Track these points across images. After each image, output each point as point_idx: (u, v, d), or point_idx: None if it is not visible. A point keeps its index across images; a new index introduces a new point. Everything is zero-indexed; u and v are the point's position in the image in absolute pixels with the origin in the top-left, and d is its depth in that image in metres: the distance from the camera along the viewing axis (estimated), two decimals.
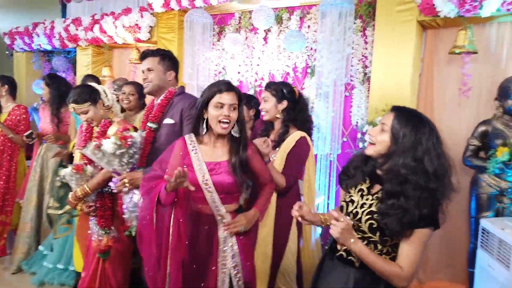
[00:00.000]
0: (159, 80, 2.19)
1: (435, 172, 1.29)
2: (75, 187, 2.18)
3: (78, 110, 2.20)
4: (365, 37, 3.10)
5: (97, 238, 2.18)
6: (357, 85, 3.14)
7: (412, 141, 1.30)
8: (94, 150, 1.94)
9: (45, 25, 4.82)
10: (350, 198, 1.50)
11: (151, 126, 2.16)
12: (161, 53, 2.22)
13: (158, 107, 2.19)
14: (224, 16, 3.82)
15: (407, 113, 1.37)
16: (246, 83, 3.76)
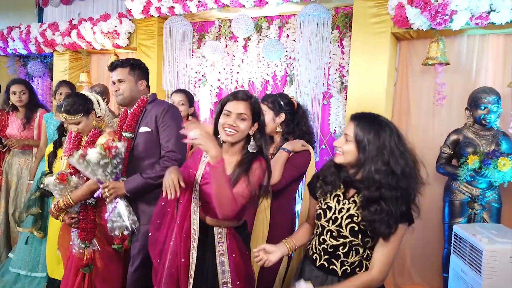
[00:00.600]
0: (131, 91, 2.16)
1: (402, 171, 1.34)
2: (58, 197, 2.12)
3: (70, 121, 2.15)
4: (342, 47, 3.17)
5: (78, 250, 2.13)
6: (334, 93, 3.20)
7: (377, 146, 1.34)
8: (79, 159, 1.91)
9: (21, 29, 4.72)
10: (326, 205, 1.51)
11: (126, 135, 2.13)
12: (131, 63, 2.18)
13: (131, 116, 2.16)
14: (204, 23, 3.84)
15: (366, 119, 1.41)
16: (226, 90, 3.77)
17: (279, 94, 2.32)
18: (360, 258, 1.43)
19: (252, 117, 1.61)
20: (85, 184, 2.12)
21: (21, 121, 3.26)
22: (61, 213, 2.15)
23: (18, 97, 3.20)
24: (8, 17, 5.93)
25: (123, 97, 2.15)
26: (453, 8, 2.46)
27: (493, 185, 2.52)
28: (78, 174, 2.15)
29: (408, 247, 3.05)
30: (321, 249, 1.50)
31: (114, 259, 2.22)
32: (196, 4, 3.42)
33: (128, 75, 2.15)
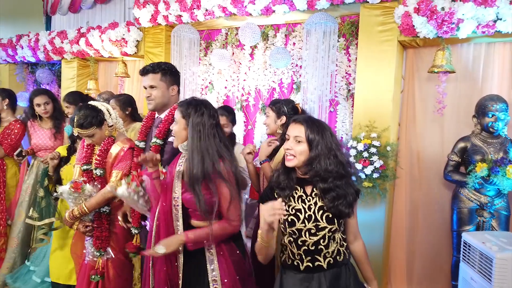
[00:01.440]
0: (163, 96, 2.13)
1: (347, 160, 1.61)
2: (72, 206, 2.11)
3: (83, 135, 2.15)
4: (349, 55, 3.19)
5: (92, 258, 2.13)
6: (341, 101, 3.22)
7: (325, 144, 1.52)
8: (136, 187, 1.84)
9: (30, 37, 4.79)
10: (294, 209, 1.56)
11: (156, 142, 2.10)
12: (162, 68, 2.14)
13: (163, 123, 2.12)
14: (211, 32, 3.88)
15: (312, 122, 1.57)
16: (233, 97, 3.80)
17: (285, 100, 2.50)
18: (336, 246, 1.57)
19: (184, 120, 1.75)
20: (100, 193, 2.12)
21: (50, 131, 3.23)
22: (76, 221, 2.15)
23: (44, 109, 3.16)
24: (16, 25, 6.02)
25: (155, 103, 2.13)
26: (459, 17, 2.47)
27: (502, 192, 2.52)
28: (92, 182, 2.16)
29: (416, 255, 3.04)
30: (302, 252, 1.55)
31: (126, 268, 2.23)
32: (203, 13, 3.46)
33: (159, 81, 2.12)
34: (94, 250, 2.13)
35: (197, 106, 1.73)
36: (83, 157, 2.24)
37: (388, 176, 2.74)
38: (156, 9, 3.70)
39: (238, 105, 3.75)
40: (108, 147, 2.19)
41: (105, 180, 2.19)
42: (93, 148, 2.26)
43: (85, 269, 2.22)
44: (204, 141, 1.68)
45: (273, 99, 2.53)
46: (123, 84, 4.49)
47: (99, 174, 2.17)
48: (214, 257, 1.72)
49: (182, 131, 1.75)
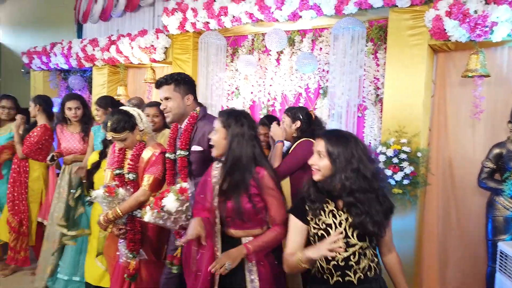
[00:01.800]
0: (178, 107, 2.16)
1: (372, 174, 1.49)
2: (106, 209, 2.17)
3: (116, 138, 2.21)
4: (377, 59, 3.16)
5: (125, 260, 2.19)
6: (369, 106, 3.18)
7: (346, 157, 1.47)
8: (158, 214, 1.83)
9: (63, 45, 4.97)
10: (324, 224, 1.53)
11: (181, 154, 2.14)
12: (175, 78, 2.16)
13: (184, 133, 2.16)
14: (238, 38, 3.92)
15: (333, 136, 1.54)
16: (259, 103, 3.82)
17: (299, 107, 2.72)
18: (367, 262, 1.52)
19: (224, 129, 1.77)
20: (132, 197, 2.18)
21: (79, 135, 3.33)
22: (110, 224, 2.22)
23: (74, 113, 3.27)
24: (49, 33, 6.28)
25: (172, 114, 2.16)
26: (493, 20, 2.41)
27: None
28: (124, 186, 2.22)
29: (449, 264, 2.96)
30: (331, 267, 1.52)
31: (157, 269, 2.28)
32: (230, 20, 3.51)
33: (173, 91, 2.14)
34: (127, 252, 2.18)
35: (237, 116, 1.76)
36: (115, 161, 2.30)
37: (419, 182, 2.69)
38: (184, 16, 3.77)
39: (264, 110, 3.77)
40: (139, 152, 2.25)
41: (137, 184, 2.25)
42: (125, 153, 2.32)
43: (118, 270, 2.29)
44: (244, 151, 1.71)
45: (287, 107, 2.69)
46: (151, 90, 4.58)
47: (131, 179, 2.23)
48: (254, 269, 1.71)
49: (221, 141, 1.76)
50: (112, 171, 2.35)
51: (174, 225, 1.91)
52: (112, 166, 2.35)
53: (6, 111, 3.58)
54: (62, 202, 3.28)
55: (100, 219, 2.20)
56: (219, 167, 1.81)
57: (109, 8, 5.00)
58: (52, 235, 3.26)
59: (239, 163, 1.70)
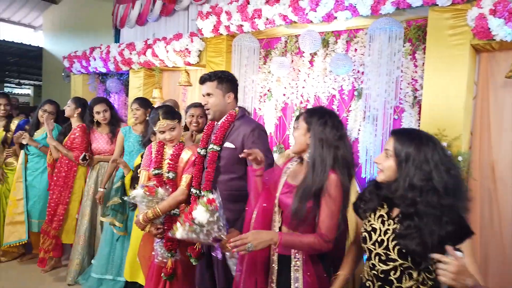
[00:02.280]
0: (219, 104, 2.19)
1: (445, 188, 1.28)
2: (145, 209, 2.22)
3: (169, 126, 2.28)
4: (415, 60, 3.07)
5: (162, 260, 2.24)
6: (406, 108, 3.09)
7: (417, 161, 1.30)
8: (190, 226, 1.81)
9: (101, 50, 5.16)
10: (371, 226, 1.46)
11: (213, 148, 2.18)
12: (219, 76, 2.20)
13: (219, 129, 2.19)
14: (271, 40, 3.92)
15: (407, 134, 1.38)
16: (291, 105, 3.81)
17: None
18: (414, 284, 1.33)
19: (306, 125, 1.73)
20: (172, 196, 2.23)
21: (108, 136, 3.50)
22: (148, 224, 2.26)
23: (102, 116, 3.45)
24: (88, 38, 6.54)
25: (213, 111, 2.20)
26: None
27: None
28: (164, 186, 2.27)
29: (490, 272, 2.83)
30: (373, 275, 1.44)
31: (192, 268, 2.32)
32: (264, 22, 3.52)
33: (216, 88, 2.18)
34: (164, 252, 2.22)
35: (321, 115, 1.69)
36: (154, 161, 2.36)
37: None
38: (218, 19, 3.82)
39: (297, 112, 3.75)
40: (179, 152, 2.32)
41: (175, 183, 2.30)
42: (163, 153, 2.38)
43: (153, 269, 2.34)
44: (323, 152, 1.61)
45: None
46: (185, 93, 4.67)
47: (171, 177, 2.29)
48: (300, 277, 1.68)
49: (301, 137, 1.73)
50: (148, 172, 2.41)
51: (207, 238, 1.86)
52: (148, 167, 2.41)
53: (47, 115, 3.73)
54: (90, 200, 3.43)
55: (139, 218, 2.25)
56: (295, 163, 1.82)
57: (145, 13, 5.15)
58: (78, 230, 3.42)
59: (315, 164, 1.62)
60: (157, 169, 2.34)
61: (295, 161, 1.85)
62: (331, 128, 1.64)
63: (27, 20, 8.60)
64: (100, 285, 3.13)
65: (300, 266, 1.67)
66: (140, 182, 2.48)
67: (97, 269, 3.15)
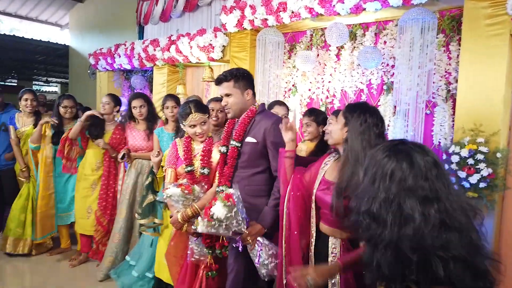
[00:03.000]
0: (239, 103, 2.17)
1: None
2: (181, 208, 2.19)
3: (201, 119, 2.27)
4: (449, 52, 2.93)
5: (198, 258, 2.19)
6: (439, 102, 2.96)
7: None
8: (209, 222, 1.83)
9: (126, 46, 5.21)
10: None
11: (234, 144, 2.16)
12: (234, 74, 2.17)
13: (240, 125, 2.18)
14: (296, 34, 3.84)
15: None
16: (317, 100, 3.73)
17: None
18: None
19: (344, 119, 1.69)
20: (209, 192, 2.22)
21: (145, 133, 3.43)
22: (186, 223, 2.22)
23: (139, 112, 3.38)
24: (113, 36, 6.61)
25: (233, 110, 2.18)
26: None
27: None
28: (200, 183, 2.25)
29: None
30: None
31: (224, 263, 2.29)
32: (289, 15, 3.44)
33: (233, 88, 2.15)
34: (203, 249, 2.17)
35: (362, 111, 1.64)
36: (185, 158, 2.34)
37: (497, 186, 2.45)
38: (242, 14, 3.77)
39: (323, 107, 3.66)
40: (210, 147, 2.30)
41: (209, 180, 2.29)
42: (191, 149, 2.36)
43: (186, 269, 2.30)
44: (360, 147, 1.57)
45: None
46: (209, 89, 4.66)
47: (206, 173, 2.27)
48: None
49: (338, 131, 1.70)
50: (175, 169, 2.39)
51: (227, 232, 1.88)
52: (173, 165, 2.39)
53: (69, 110, 3.73)
54: (127, 199, 3.41)
55: (177, 218, 2.20)
56: (333, 158, 1.80)
57: (169, 9, 5.15)
58: (115, 227, 3.42)
59: (351, 160, 1.58)
60: (189, 165, 2.30)
61: (332, 157, 1.81)
62: (371, 125, 1.60)
63: (54, 19, 8.79)
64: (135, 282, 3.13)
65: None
66: (167, 180, 2.44)
67: (138, 268, 3.14)
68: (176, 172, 2.40)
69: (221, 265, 2.25)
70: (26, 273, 3.67)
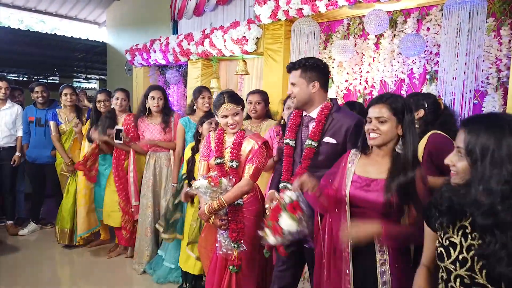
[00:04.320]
0: (303, 94, 2.07)
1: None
2: (208, 200, 2.20)
3: (234, 110, 2.25)
4: (500, 37, 2.73)
5: (226, 252, 2.21)
6: (489, 91, 2.77)
7: (494, 158, 1.01)
8: (282, 239, 1.78)
9: (161, 42, 5.26)
10: (448, 240, 1.18)
11: (312, 145, 2.05)
12: (303, 63, 2.07)
13: (317, 124, 2.06)
14: (332, 23, 3.72)
15: (482, 122, 1.08)
16: (354, 91, 3.60)
17: (424, 93, 2.32)
18: None
19: (395, 117, 1.62)
20: (237, 186, 2.19)
21: (160, 126, 3.45)
22: (213, 215, 2.23)
23: (156, 103, 3.42)
24: (148, 32, 6.71)
25: (296, 101, 2.10)
26: None
27: None
28: (227, 176, 2.23)
29: None
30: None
31: (255, 260, 2.27)
32: (325, 4, 3.33)
33: (299, 77, 2.07)
34: (229, 242, 2.18)
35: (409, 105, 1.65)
36: (216, 150, 2.33)
37: None
38: (276, 4, 3.69)
39: (361, 99, 3.54)
40: (241, 140, 2.27)
41: (238, 173, 2.26)
42: (223, 141, 2.34)
43: (215, 262, 2.31)
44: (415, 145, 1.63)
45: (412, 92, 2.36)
46: (242, 82, 4.63)
47: (235, 166, 2.24)
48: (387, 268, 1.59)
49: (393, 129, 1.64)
50: (208, 162, 2.38)
51: (302, 235, 1.84)
52: (206, 157, 2.38)
53: (103, 104, 3.79)
54: (150, 192, 3.45)
55: (204, 210, 2.22)
56: (358, 154, 1.76)
57: (202, 3, 5.16)
58: (142, 222, 3.44)
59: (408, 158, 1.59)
60: (219, 158, 2.29)
61: (355, 152, 1.76)
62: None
63: (92, 17, 9.05)
64: (170, 273, 3.20)
65: (387, 259, 1.59)
66: (199, 172, 2.45)
67: (169, 259, 3.21)
68: (208, 164, 2.39)
69: (252, 262, 2.24)
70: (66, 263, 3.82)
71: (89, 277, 3.43)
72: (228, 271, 2.21)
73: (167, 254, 3.27)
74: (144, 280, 3.32)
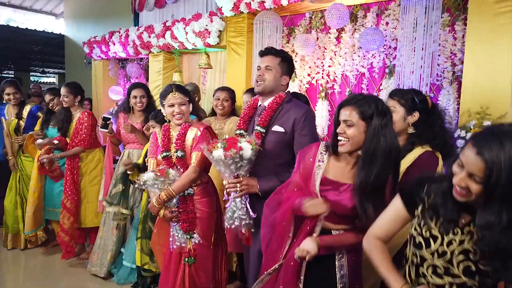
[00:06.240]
0: (274, 81, 2.07)
1: None
2: (157, 192, 2.16)
3: (181, 100, 2.24)
4: (454, 32, 2.80)
5: (180, 245, 2.16)
6: (444, 85, 2.85)
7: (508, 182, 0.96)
8: (235, 154, 1.84)
9: (120, 34, 5.07)
10: (428, 233, 1.19)
11: (259, 130, 2.04)
12: (283, 55, 2.11)
13: (267, 110, 2.05)
14: (294, 17, 3.71)
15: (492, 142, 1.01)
16: (316, 85, 3.61)
17: (413, 90, 1.99)
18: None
19: (363, 122, 1.49)
20: (184, 175, 2.17)
21: (141, 125, 3.25)
22: (162, 207, 2.19)
23: (139, 101, 3.25)
24: (108, 24, 6.46)
25: (264, 85, 2.07)
26: None
27: None
28: (175, 167, 2.21)
29: None
30: (418, 282, 1.22)
31: (209, 253, 2.25)
32: None
33: (277, 65, 2.07)
34: (183, 235, 2.15)
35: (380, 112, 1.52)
36: (162, 145, 2.31)
37: None
38: None
39: (323, 93, 3.55)
40: (185, 131, 2.26)
41: (185, 162, 2.24)
42: (169, 136, 2.33)
43: (170, 257, 2.27)
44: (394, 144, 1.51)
45: (394, 89, 2.22)
46: (206, 76, 4.54)
47: (180, 156, 2.23)
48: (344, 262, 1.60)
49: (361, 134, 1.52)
50: (156, 158, 2.35)
51: (233, 172, 1.91)
52: (155, 154, 2.37)
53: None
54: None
55: (152, 202, 2.18)
56: (326, 155, 1.62)
57: None
58: (109, 222, 3.30)
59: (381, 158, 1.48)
60: (165, 151, 2.27)
61: (323, 152, 1.63)
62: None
63: (49, 8, 8.63)
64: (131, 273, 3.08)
65: (344, 252, 1.59)
66: (149, 170, 2.39)
67: (129, 258, 3.09)
68: (157, 161, 2.36)
69: (206, 255, 2.22)
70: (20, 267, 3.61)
71: (45, 280, 3.25)
72: (183, 266, 2.17)
73: (128, 252, 3.15)
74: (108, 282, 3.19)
